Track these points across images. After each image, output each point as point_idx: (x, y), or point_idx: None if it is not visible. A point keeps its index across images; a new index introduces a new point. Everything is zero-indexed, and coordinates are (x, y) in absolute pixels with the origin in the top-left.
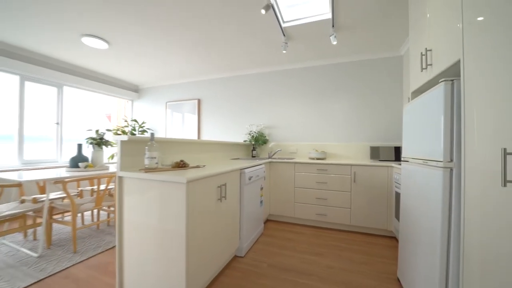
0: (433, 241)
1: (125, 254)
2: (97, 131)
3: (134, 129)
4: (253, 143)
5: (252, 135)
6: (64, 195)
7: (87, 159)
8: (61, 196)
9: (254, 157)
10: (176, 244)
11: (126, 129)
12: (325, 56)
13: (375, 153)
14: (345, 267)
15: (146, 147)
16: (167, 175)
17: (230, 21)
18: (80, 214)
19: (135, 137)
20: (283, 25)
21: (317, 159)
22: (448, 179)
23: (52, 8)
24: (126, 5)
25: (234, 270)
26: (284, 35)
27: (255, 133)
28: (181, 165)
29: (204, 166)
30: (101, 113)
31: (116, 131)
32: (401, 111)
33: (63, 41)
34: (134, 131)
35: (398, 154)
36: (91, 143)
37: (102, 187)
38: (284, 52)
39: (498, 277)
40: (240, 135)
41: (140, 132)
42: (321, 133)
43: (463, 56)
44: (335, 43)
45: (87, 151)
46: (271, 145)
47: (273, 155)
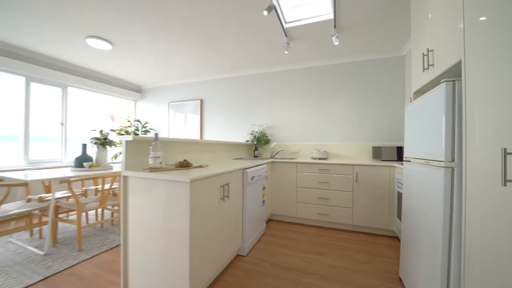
0: (434, 240)
1: (129, 252)
2: (101, 131)
3: (137, 129)
4: (255, 143)
5: (254, 135)
6: (68, 194)
7: (91, 159)
8: (66, 195)
9: (256, 157)
10: (180, 242)
11: (129, 129)
12: (327, 56)
13: (377, 153)
14: (347, 266)
15: (150, 147)
16: (171, 175)
17: (232, 21)
18: (84, 213)
19: (139, 137)
20: (285, 26)
21: (319, 159)
22: (449, 179)
23: (57, 10)
24: (129, 6)
25: (236, 269)
26: (286, 36)
27: (257, 133)
28: (185, 165)
29: (207, 166)
30: (105, 114)
31: (119, 131)
32: (403, 111)
33: (67, 42)
34: (137, 131)
35: (400, 154)
36: (95, 143)
37: (106, 186)
38: (286, 52)
39: (499, 277)
40: (242, 135)
41: (143, 132)
42: (323, 133)
43: (465, 56)
44: (337, 43)
45: (91, 151)
46: (273, 145)
47: (275, 155)
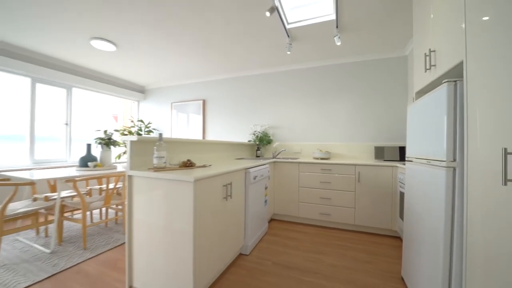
0: (436, 240)
1: (134, 251)
2: (106, 132)
3: (140, 130)
4: (257, 143)
5: (256, 135)
6: (73, 194)
7: (96, 159)
8: (71, 194)
9: (258, 157)
10: (183, 241)
11: (132, 130)
12: (329, 56)
13: (380, 153)
14: (349, 266)
15: (154, 147)
16: (175, 174)
17: (234, 22)
18: (89, 212)
19: (144, 137)
20: (288, 27)
21: (321, 159)
22: (451, 178)
23: (61, 12)
24: (132, 7)
25: (239, 267)
26: (288, 36)
27: (260, 133)
28: (188, 165)
29: (210, 165)
30: (108, 114)
31: (122, 132)
32: (406, 111)
33: (72, 44)
34: (140, 131)
35: (403, 154)
36: (99, 143)
37: (110, 186)
38: (288, 53)
39: (500, 276)
40: (244, 135)
41: (146, 132)
42: (325, 133)
43: (466, 57)
44: (339, 43)
45: (95, 151)
46: (275, 145)
47: (277, 155)
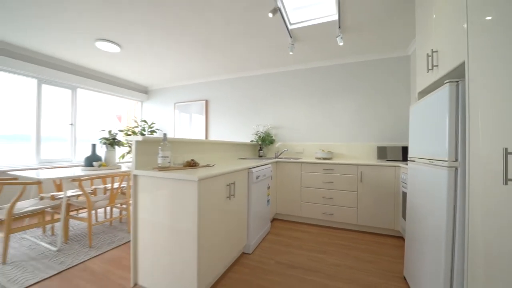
0: (438, 239)
1: (139, 249)
2: (110, 132)
3: (143, 130)
4: (260, 143)
5: (259, 135)
6: (79, 193)
7: (100, 159)
8: (76, 193)
9: (261, 157)
10: (188, 239)
11: (136, 130)
12: (331, 56)
13: (382, 153)
14: (351, 265)
15: (159, 147)
16: (180, 174)
17: (237, 23)
18: (94, 211)
19: (149, 137)
20: (290, 27)
21: (323, 159)
22: (453, 178)
23: (67, 14)
24: (137, 9)
25: (242, 266)
26: (291, 37)
27: (262, 133)
28: (192, 164)
29: (213, 165)
30: (112, 114)
31: (126, 132)
32: (409, 111)
33: (78, 45)
34: (143, 132)
35: (405, 154)
36: (104, 143)
37: (115, 185)
38: (290, 53)
39: (502, 276)
40: (247, 135)
41: (149, 132)
42: (327, 133)
43: (468, 57)
44: (341, 44)
45: (100, 150)
46: (277, 145)
47: (280, 155)
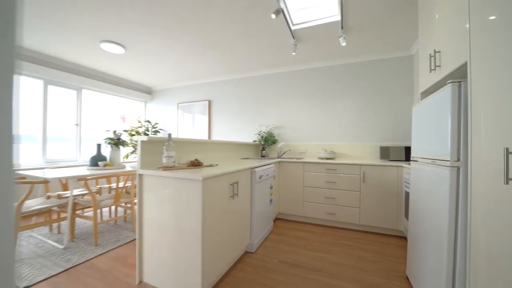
0: (440, 239)
1: (144, 246)
2: (115, 132)
3: (147, 130)
4: (262, 143)
5: (261, 135)
6: (84, 192)
7: (105, 158)
8: (82, 193)
9: (263, 156)
10: (192, 237)
11: (139, 130)
12: (334, 57)
13: (385, 153)
14: (355, 265)
15: (164, 147)
16: (184, 173)
17: (240, 24)
18: (99, 210)
19: (154, 138)
20: (293, 28)
21: (326, 158)
22: (455, 178)
23: (73, 16)
24: (141, 9)
25: (245, 265)
26: (293, 37)
27: (265, 133)
28: (196, 164)
29: (216, 165)
30: (116, 114)
31: (130, 132)
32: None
33: (83, 47)
34: (147, 132)
35: (408, 154)
36: (109, 143)
37: (120, 184)
38: (293, 54)
39: (504, 275)
40: (249, 136)
41: (153, 132)
42: (330, 133)
43: (470, 58)
44: (344, 44)
45: (105, 150)
46: (280, 145)
47: (283, 154)
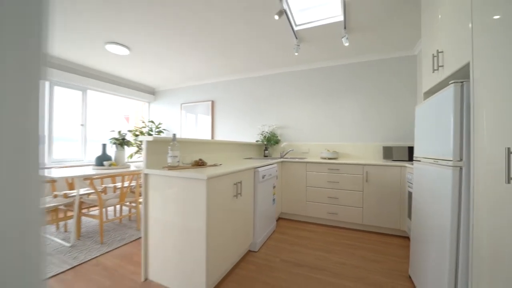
0: (443, 238)
1: (150, 244)
2: (120, 132)
3: (151, 130)
4: (265, 143)
5: (264, 135)
6: (89, 191)
7: (110, 158)
8: (87, 192)
9: (266, 156)
10: (196, 236)
11: (143, 130)
12: (337, 57)
13: (388, 153)
14: (357, 264)
15: (169, 147)
16: (189, 173)
17: (243, 25)
18: (104, 209)
19: (159, 138)
20: (296, 28)
21: (329, 158)
22: (457, 177)
23: (78, 16)
24: (145, 10)
25: (248, 263)
26: (296, 38)
27: (267, 133)
28: (200, 164)
29: (220, 164)
30: (120, 115)
31: (134, 132)
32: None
33: (89, 48)
34: (151, 132)
35: (412, 154)
36: (114, 143)
37: (125, 184)
38: (296, 54)
39: (506, 275)
40: (252, 136)
41: (156, 132)
42: (332, 133)
43: (473, 58)
44: (347, 44)
45: (109, 150)
46: (283, 145)
47: (285, 154)
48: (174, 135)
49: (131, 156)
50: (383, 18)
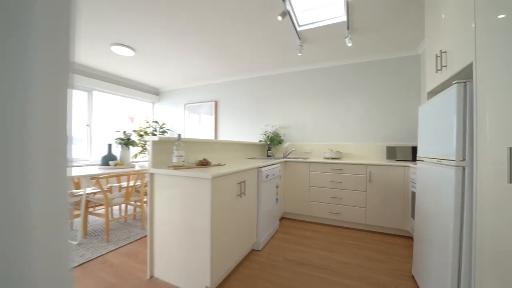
0: (446, 238)
1: (155, 243)
2: (125, 132)
3: (155, 130)
4: (268, 143)
5: (267, 135)
6: (95, 191)
7: (116, 158)
8: (93, 191)
9: (269, 156)
10: (201, 235)
11: (148, 130)
12: (340, 57)
13: (392, 153)
14: (360, 264)
15: (174, 147)
16: (194, 172)
17: (247, 25)
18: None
19: (164, 138)
20: (299, 29)
21: (332, 158)
22: (460, 177)
23: (84, 19)
24: (150, 11)
25: (252, 262)
26: (299, 38)
27: (270, 133)
28: (204, 163)
29: (224, 164)
30: (125, 115)
31: (139, 132)
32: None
33: (94, 50)
34: (155, 132)
35: (415, 154)
36: (119, 143)
37: (131, 183)
38: (299, 54)
39: (510, 275)
40: (255, 136)
41: (160, 133)
42: (336, 133)
43: (475, 58)
44: (350, 44)
45: (115, 150)
46: (286, 145)
47: (288, 154)
48: (179, 135)
49: (135, 156)
50: (387, 18)
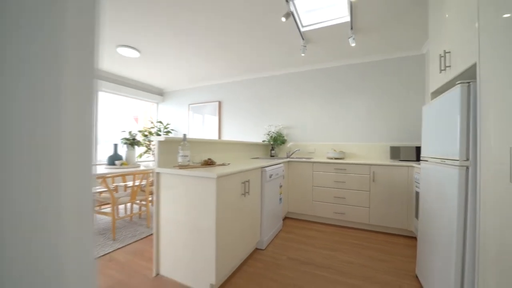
0: (449, 238)
1: (161, 241)
2: (130, 132)
3: (159, 130)
4: (271, 143)
5: (270, 135)
6: (101, 190)
7: (121, 158)
8: (99, 190)
9: (272, 156)
10: (207, 234)
11: (152, 130)
12: (343, 57)
13: (396, 153)
14: (364, 263)
15: (179, 147)
16: (199, 171)
17: (250, 26)
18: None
19: (170, 138)
20: (302, 30)
21: (335, 158)
22: (464, 177)
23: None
24: (155, 12)
25: (256, 261)
26: (303, 39)
27: (274, 133)
28: (209, 163)
29: (228, 164)
30: (129, 115)
31: (143, 132)
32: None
33: (100, 51)
34: (159, 132)
35: (419, 154)
36: (125, 143)
37: (136, 183)
38: (302, 55)
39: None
40: (259, 136)
41: (164, 133)
42: (339, 133)
43: (479, 59)
44: (353, 45)
45: (121, 150)
46: (289, 145)
47: (292, 154)
48: (184, 135)
49: (140, 155)
50: (390, 18)
